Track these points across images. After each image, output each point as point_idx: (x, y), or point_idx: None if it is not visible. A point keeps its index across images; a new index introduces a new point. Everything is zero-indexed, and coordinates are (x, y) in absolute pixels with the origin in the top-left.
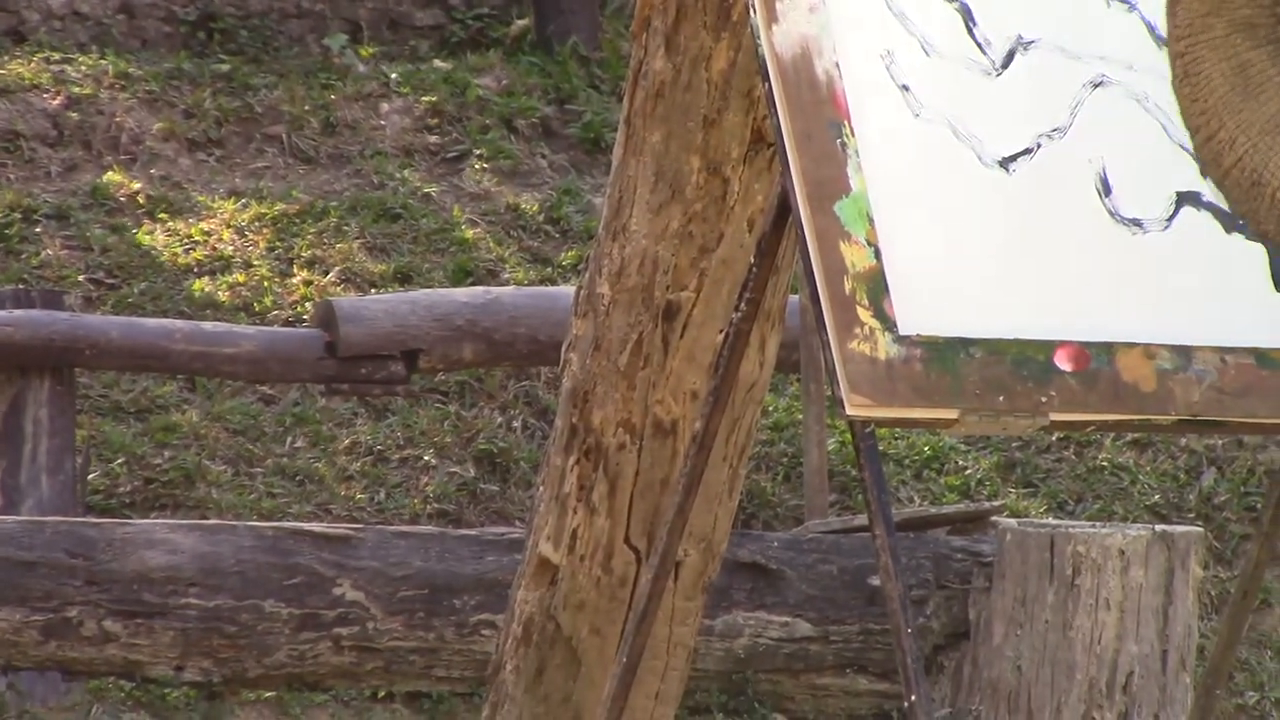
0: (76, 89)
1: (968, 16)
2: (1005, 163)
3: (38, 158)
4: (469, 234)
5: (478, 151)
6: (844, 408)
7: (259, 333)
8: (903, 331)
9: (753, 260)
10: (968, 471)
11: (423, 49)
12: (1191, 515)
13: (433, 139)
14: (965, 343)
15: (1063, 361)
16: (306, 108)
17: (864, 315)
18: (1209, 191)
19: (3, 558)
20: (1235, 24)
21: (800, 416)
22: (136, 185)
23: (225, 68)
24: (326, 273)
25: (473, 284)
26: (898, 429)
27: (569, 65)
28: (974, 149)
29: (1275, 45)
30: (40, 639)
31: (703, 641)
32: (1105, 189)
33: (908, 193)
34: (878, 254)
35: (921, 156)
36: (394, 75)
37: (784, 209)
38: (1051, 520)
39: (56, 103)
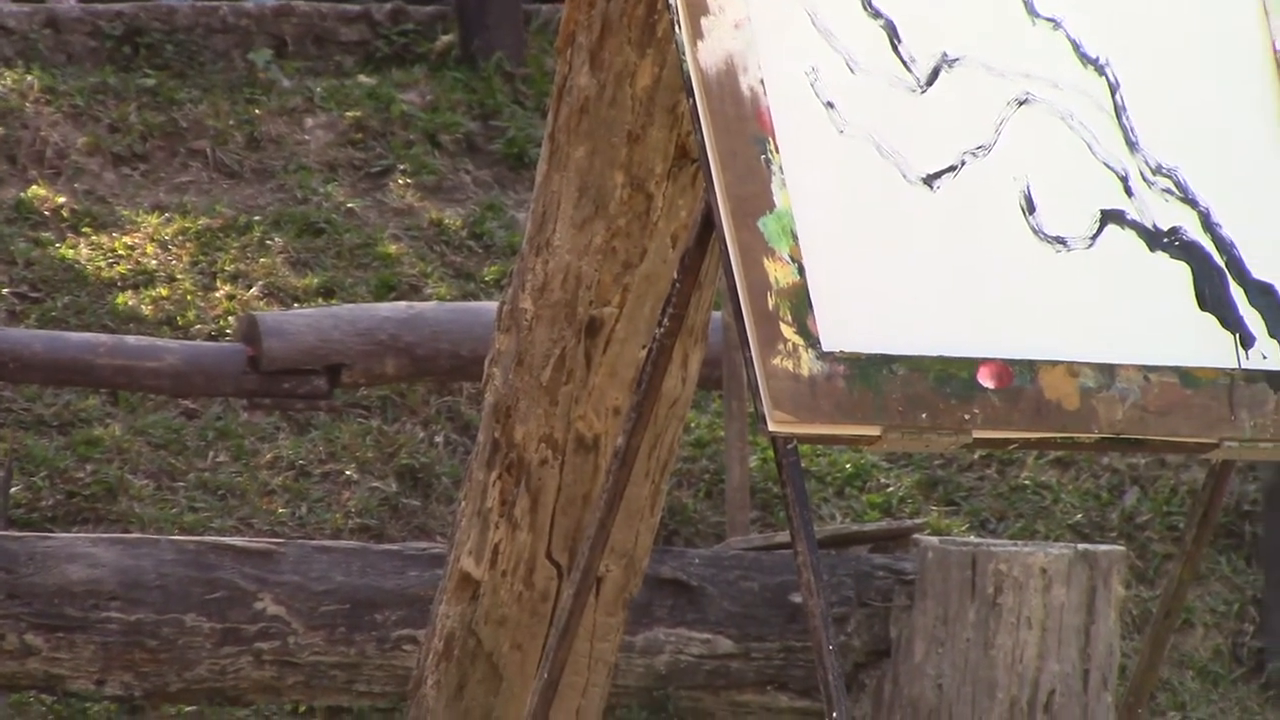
0: (1, 103)
1: (893, 34)
2: (930, 180)
3: None
4: (392, 249)
5: (401, 167)
6: (766, 424)
7: (182, 347)
8: (826, 348)
9: (676, 276)
10: (890, 489)
11: (347, 64)
12: (1114, 534)
13: (357, 154)
14: (888, 359)
15: (986, 379)
16: (231, 122)
17: (787, 331)
18: (1133, 210)
19: None
20: None
21: (722, 433)
22: (61, 199)
23: (150, 82)
24: (250, 287)
25: (396, 299)
26: (820, 445)
27: (493, 81)
28: (898, 166)
29: None
30: None
31: (624, 658)
32: (1029, 207)
33: (832, 209)
34: (801, 270)
35: (846, 173)
36: (318, 90)
37: (708, 225)
38: (973, 538)
39: None
